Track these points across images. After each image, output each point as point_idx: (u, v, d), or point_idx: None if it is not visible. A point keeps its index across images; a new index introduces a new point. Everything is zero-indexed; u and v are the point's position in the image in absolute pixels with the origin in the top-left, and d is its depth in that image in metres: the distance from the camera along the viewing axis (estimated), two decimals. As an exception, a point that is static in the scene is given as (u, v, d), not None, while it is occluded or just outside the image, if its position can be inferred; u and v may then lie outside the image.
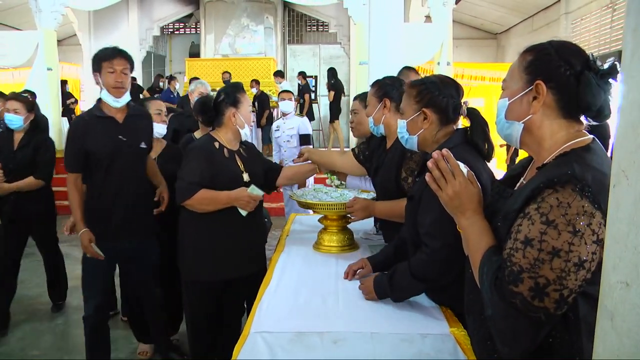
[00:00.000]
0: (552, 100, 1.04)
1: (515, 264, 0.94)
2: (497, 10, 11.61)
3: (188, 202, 2.17)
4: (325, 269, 2.03)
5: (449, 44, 8.17)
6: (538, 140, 1.08)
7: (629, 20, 0.67)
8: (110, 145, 2.37)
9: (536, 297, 0.91)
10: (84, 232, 2.36)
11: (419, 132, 1.65)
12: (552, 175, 0.95)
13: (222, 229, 2.23)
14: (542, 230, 0.92)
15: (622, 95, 0.68)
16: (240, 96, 2.30)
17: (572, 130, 1.05)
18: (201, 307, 2.31)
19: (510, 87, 1.12)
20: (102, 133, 2.37)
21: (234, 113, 2.28)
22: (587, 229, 0.89)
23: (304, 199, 2.29)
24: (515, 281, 0.94)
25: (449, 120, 1.64)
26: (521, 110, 1.08)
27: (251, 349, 1.40)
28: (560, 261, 0.90)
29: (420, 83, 1.67)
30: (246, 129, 2.34)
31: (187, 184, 2.16)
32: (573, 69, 1.02)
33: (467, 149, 1.59)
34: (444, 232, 1.50)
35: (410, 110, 1.66)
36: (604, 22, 8.50)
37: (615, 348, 0.68)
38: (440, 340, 1.42)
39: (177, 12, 12.33)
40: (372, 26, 5.07)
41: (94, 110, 2.43)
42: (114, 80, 2.33)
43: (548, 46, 1.06)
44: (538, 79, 1.04)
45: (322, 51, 12.35)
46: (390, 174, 2.11)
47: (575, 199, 0.90)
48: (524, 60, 1.08)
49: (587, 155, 0.99)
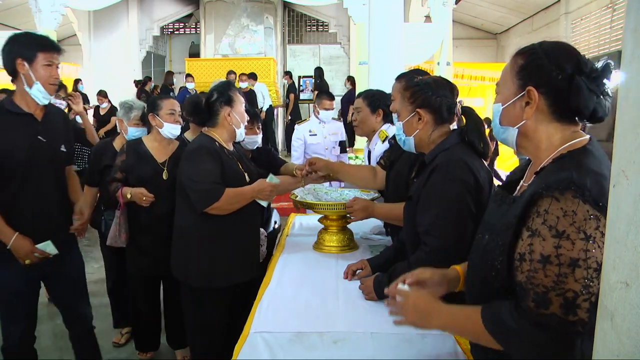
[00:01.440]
0: (545, 105, 1.04)
1: (539, 285, 0.92)
2: (497, 10, 11.61)
3: (216, 204, 2.04)
4: (325, 269, 2.03)
5: (448, 44, 8.18)
6: (534, 144, 1.08)
7: (629, 20, 0.67)
8: (27, 147, 2.00)
9: (569, 313, 0.90)
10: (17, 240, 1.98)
11: (414, 133, 1.67)
12: (550, 181, 0.95)
13: (229, 232, 2.15)
14: (555, 245, 0.91)
15: (622, 95, 0.68)
16: (233, 94, 2.21)
17: (568, 132, 1.05)
18: (215, 314, 2.20)
19: (503, 92, 1.11)
20: (16, 132, 2.00)
21: (229, 112, 2.19)
22: (597, 232, 0.89)
23: (304, 199, 2.29)
24: (545, 303, 0.92)
25: (443, 120, 1.66)
26: (515, 116, 1.08)
27: (251, 349, 1.40)
28: (582, 270, 0.89)
29: (414, 85, 1.69)
30: (242, 129, 2.25)
31: (212, 185, 2.04)
32: (564, 73, 1.01)
33: (464, 148, 1.61)
34: (443, 231, 1.51)
35: (405, 112, 1.69)
36: (604, 22, 8.50)
37: (615, 348, 0.68)
38: (440, 340, 1.42)
39: (177, 12, 12.33)
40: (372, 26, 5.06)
41: (6, 104, 2.04)
42: (52, 76, 2.02)
43: (539, 50, 1.05)
44: (529, 84, 1.04)
45: (322, 51, 12.35)
46: (403, 170, 2.10)
47: (579, 206, 0.90)
48: (516, 65, 1.08)
49: (584, 157, 0.99)
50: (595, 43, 8.71)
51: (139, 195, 2.40)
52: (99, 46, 11.22)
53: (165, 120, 2.54)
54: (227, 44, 11.28)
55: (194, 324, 2.24)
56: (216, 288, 2.16)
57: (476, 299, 1.13)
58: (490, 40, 13.39)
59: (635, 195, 0.65)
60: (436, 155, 1.62)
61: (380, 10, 4.94)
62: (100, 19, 11.02)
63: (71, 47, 12.00)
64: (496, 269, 1.04)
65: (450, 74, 8.38)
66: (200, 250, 2.15)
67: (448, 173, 1.55)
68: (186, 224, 2.18)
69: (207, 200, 2.04)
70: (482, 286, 1.10)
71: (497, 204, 1.13)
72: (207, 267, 2.14)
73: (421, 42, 7.96)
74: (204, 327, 2.22)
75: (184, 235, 2.20)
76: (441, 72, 7.98)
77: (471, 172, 1.54)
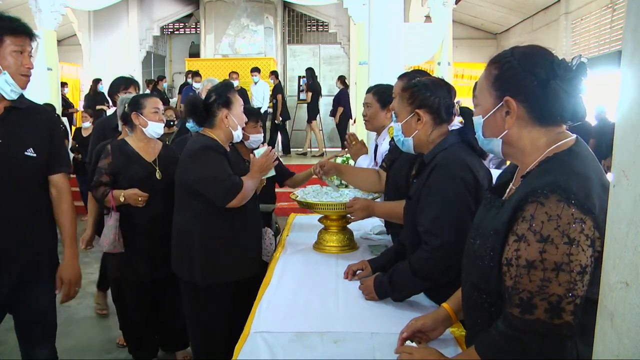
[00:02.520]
0: (525, 112, 1.03)
1: (524, 291, 0.93)
2: (497, 10, 11.60)
3: (236, 202, 2.08)
4: (325, 269, 2.03)
5: (449, 44, 8.17)
6: (520, 150, 1.07)
7: (629, 20, 0.67)
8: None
9: (554, 317, 0.91)
10: None
11: (413, 134, 1.68)
12: (536, 185, 0.95)
13: (231, 228, 2.17)
14: (540, 249, 0.91)
15: (622, 95, 0.68)
16: (231, 96, 2.20)
17: (552, 133, 1.04)
18: (220, 311, 2.20)
19: (482, 104, 1.11)
20: None
21: (227, 114, 2.17)
22: (581, 235, 0.89)
23: (305, 198, 2.29)
24: (530, 308, 0.92)
25: (442, 121, 1.67)
26: (496, 126, 1.08)
27: (251, 349, 1.40)
28: (565, 274, 0.89)
29: (412, 86, 1.70)
30: (238, 131, 2.23)
31: (230, 178, 2.07)
32: (539, 79, 1.00)
33: (463, 148, 1.62)
34: (444, 230, 1.51)
35: (404, 113, 1.70)
36: (604, 22, 8.49)
37: (615, 348, 0.68)
38: (441, 340, 1.42)
39: (177, 12, 12.31)
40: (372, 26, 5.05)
41: None
42: (24, 65, 1.70)
43: (510, 58, 1.05)
44: (506, 94, 1.03)
45: (322, 51, 12.32)
46: (402, 169, 2.10)
47: (563, 210, 0.90)
48: (490, 75, 1.07)
49: (569, 159, 0.98)
50: (595, 43, 8.70)
51: (134, 196, 2.34)
52: (99, 46, 11.21)
53: (149, 119, 2.46)
54: (227, 44, 11.27)
55: (198, 323, 2.22)
56: (222, 284, 2.18)
57: (471, 307, 1.14)
58: (490, 40, 13.37)
59: (635, 195, 0.65)
60: (435, 155, 1.62)
61: (380, 10, 4.93)
62: (100, 19, 11.01)
63: (71, 47, 12.01)
64: (487, 273, 1.04)
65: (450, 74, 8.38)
66: (204, 248, 2.15)
67: (447, 172, 1.55)
68: (188, 224, 2.17)
69: (230, 194, 2.07)
70: (474, 291, 1.09)
71: (487, 207, 1.13)
72: (212, 263, 2.15)
73: (421, 42, 7.96)
74: (208, 326, 2.21)
75: (186, 234, 2.18)
76: (441, 72, 7.98)
77: (470, 170, 1.55)
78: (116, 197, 2.37)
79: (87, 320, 3.51)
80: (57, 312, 1.96)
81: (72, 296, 1.90)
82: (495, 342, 0.98)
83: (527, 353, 0.94)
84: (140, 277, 2.51)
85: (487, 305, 1.06)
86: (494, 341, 0.99)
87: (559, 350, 0.93)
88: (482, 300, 1.07)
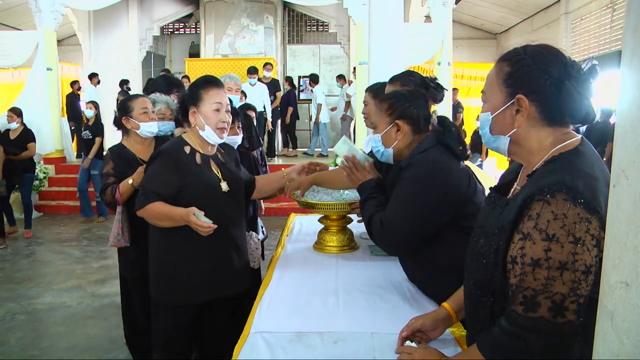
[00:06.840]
0: (536, 111, 1.03)
1: (528, 289, 0.93)
2: (497, 10, 11.60)
3: (141, 212, 1.91)
4: (325, 269, 2.03)
5: (449, 44, 8.18)
6: (526, 150, 1.07)
7: (629, 20, 0.67)
8: None
9: (557, 315, 0.91)
10: None
11: (393, 145, 1.71)
12: (542, 184, 0.95)
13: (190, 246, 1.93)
14: (545, 248, 0.91)
15: (622, 95, 0.68)
16: (203, 92, 1.95)
17: (558, 134, 1.04)
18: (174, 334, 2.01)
19: (491, 100, 1.10)
20: None
21: (194, 112, 1.96)
22: (586, 235, 0.89)
23: (304, 199, 2.29)
24: (533, 307, 0.92)
25: (420, 131, 1.70)
26: (505, 124, 1.07)
27: (251, 349, 1.40)
28: (569, 273, 0.89)
29: (391, 97, 1.72)
30: (207, 131, 1.95)
31: (146, 191, 1.91)
32: (553, 78, 1.00)
33: (441, 149, 1.65)
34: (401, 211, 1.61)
35: (383, 124, 1.72)
36: (604, 22, 8.50)
37: (615, 348, 0.68)
38: (440, 340, 1.42)
39: (177, 12, 12.31)
40: (372, 26, 5.05)
41: None
42: None
43: (524, 55, 1.03)
44: (519, 92, 1.02)
45: (322, 51, 12.33)
46: None
47: (569, 209, 0.90)
48: (502, 72, 1.06)
49: (576, 159, 0.98)
50: (595, 43, 8.70)
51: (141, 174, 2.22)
52: (99, 46, 11.21)
53: (140, 121, 2.46)
54: (227, 44, 11.27)
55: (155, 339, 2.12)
56: (178, 306, 1.98)
57: (473, 306, 1.14)
58: (490, 40, 13.38)
59: (635, 195, 0.65)
60: (412, 157, 1.66)
61: (380, 10, 4.93)
62: (100, 19, 11.01)
63: (71, 47, 12.03)
64: (490, 271, 1.04)
65: (450, 74, 8.38)
66: (159, 263, 2.01)
67: (420, 168, 1.60)
68: (151, 232, 2.04)
69: (138, 204, 1.92)
70: (478, 289, 1.10)
71: (491, 207, 1.13)
72: (166, 282, 1.98)
73: (421, 42, 7.97)
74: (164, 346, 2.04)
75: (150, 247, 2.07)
76: (441, 72, 7.98)
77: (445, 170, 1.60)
78: (124, 185, 2.35)
79: (87, 320, 3.51)
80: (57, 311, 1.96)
81: None
82: (498, 339, 0.98)
83: (531, 351, 0.94)
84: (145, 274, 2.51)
85: (489, 303, 1.06)
86: (497, 338, 0.99)
87: (564, 349, 0.93)
88: (485, 298, 1.07)
